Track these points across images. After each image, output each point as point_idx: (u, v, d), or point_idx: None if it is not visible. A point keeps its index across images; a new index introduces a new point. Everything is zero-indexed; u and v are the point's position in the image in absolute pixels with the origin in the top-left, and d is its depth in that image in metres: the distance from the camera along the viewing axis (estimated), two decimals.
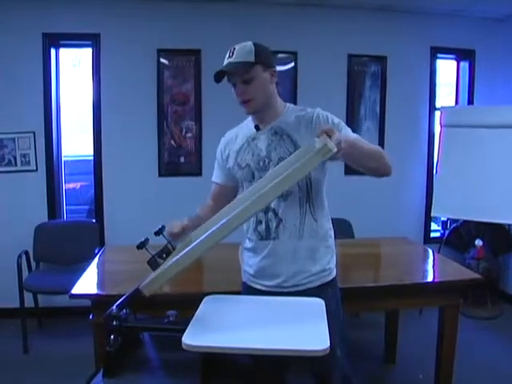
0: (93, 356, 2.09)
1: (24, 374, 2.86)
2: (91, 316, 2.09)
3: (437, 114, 4.17)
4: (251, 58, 1.58)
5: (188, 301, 1.51)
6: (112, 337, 1.25)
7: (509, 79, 4.13)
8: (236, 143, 1.75)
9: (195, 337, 1.14)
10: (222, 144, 1.82)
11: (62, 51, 3.90)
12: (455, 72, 4.44)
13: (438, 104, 4.26)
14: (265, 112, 1.67)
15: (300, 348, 1.12)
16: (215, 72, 1.59)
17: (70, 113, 4.26)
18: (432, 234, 4.44)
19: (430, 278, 2.62)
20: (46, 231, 3.66)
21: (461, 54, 4.31)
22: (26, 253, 3.50)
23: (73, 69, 4.61)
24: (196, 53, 3.81)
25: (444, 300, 2.37)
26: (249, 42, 1.61)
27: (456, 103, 4.44)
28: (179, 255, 1.29)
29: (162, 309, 1.39)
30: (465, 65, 4.34)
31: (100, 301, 2.03)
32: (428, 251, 2.95)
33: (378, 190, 3.93)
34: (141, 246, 1.35)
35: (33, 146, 3.71)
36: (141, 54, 3.78)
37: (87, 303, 2.16)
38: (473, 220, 3.87)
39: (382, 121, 4.17)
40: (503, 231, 4.05)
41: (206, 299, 1.43)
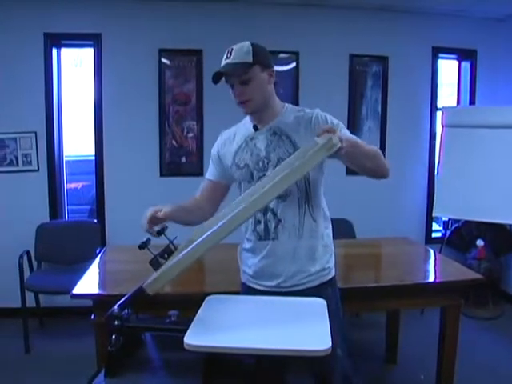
0: (94, 356, 2.09)
1: (25, 374, 2.87)
2: (93, 316, 2.10)
3: (438, 114, 4.16)
4: (249, 59, 1.57)
5: (189, 301, 1.51)
6: (114, 337, 1.25)
7: (510, 79, 4.13)
8: (234, 143, 1.74)
9: (197, 337, 1.14)
10: (220, 142, 1.80)
11: (64, 51, 3.90)
12: (457, 72, 4.44)
13: (440, 104, 4.26)
14: (263, 112, 1.66)
15: (302, 348, 1.12)
16: (213, 73, 1.58)
17: (72, 113, 4.26)
18: (433, 234, 4.43)
19: (432, 279, 2.62)
20: (48, 231, 3.66)
21: (462, 54, 4.31)
22: (28, 253, 3.50)
23: (74, 69, 4.62)
24: (197, 53, 3.81)
25: (445, 300, 2.37)
26: (246, 43, 1.60)
27: (457, 103, 4.43)
28: (181, 255, 1.29)
29: (164, 309, 1.39)
30: (466, 65, 4.33)
31: (101, 301, 2.03)
32: (429, 251, 2.95)
33: (380, 191, 3.93)
34: (143, 246, 1.35)
35: (34, 146, 3.71)
36: (142, 54, 3.79)
37: (89, 303, 2.17)
38: (474, 220, 3.87)
39: (384, 121, 4.16)
40: (505, 231, 4.05)
41: (208, 299, 1.43)
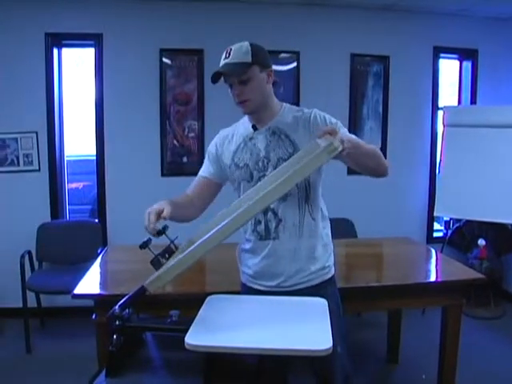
0: (96, 356, 2.09)
1: (27, 374, 2.87)
2: (94, 316, 2.09)
3: (439, 114, 4.15)
4: (248, 59, 1.56)
5: (190, 301, 1.52)
6: (115, 336, 1.25)
7: (511, 78, 4.13)
8: (232, 142, 1.73)
9: (198, 336, 1.14)
10: (217, 140, 1.79)
11: (65, 51, 3.90)
12: (458, 72, 4.43)
13: (441, 104, 4.25)
14: (262, 112, 1.66)
15: (303, 348, 1.12)
16: (212, 73, 1.57)
17: (73, 113, 4.26)
18: (435, 234, 4.43)
19: (433, 278, 2.62)
20: (49, 231, 3.66)
21: (463, 54, 4.30)
22: (29, 253, 3.50)
23: (75, 69, 4.62)
24: (199, 52, 3.81)
25: (447, 300, 2.37)
26: (245, 43, 1.60)
27: (459, 103, 4.42)
28: (182, 255, 1.29)
29: (165, 309, 1.39)
30: (467, 64, 4.32)
31: (103, 301, 2.03)
32: (431, 251, 2.94)
33: (381, 190, 3.93)
34: (144, 246, 1.35)
35: (35, 146, 3.71)
36: (143, 54, 3.78)
37: (90, 303, 2.17)
38: (476, 220, 3.86)
39: (385, 120, 4.16)
40: (506, 231, 4.04)
41: (209, 299, 1.43)
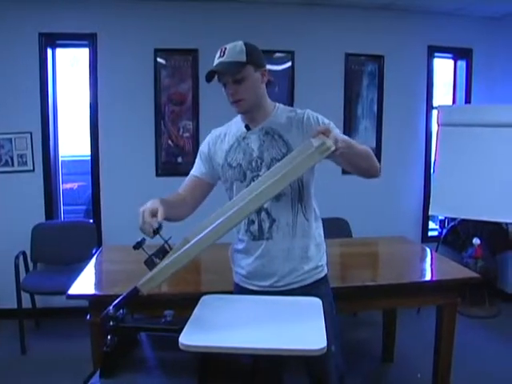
0: (90, 356, 2.08)
1: (21, 375, 2.86)
2: (88, 316, 2.09)
3: (434, 113, 4.16)
4: (243, 58, 1.56)
5: (185, 301, 1.51)
6: (109, 337, 1.25)
7: (506, 78, 4.14)
8: (225, 142, 1.73)
9: (192, 337, 1.14)
10: (210, 140, 1.79)
11: (59, 51, 3.88)
12: (452, 71, 4.44)
13: (436, 103, 4.26)
14: (255, 112, 1.66)
15: (297, 347, 1.12)
16: (207, 72, 1.57)
17: (67, 113, 4.25)
18: (430, 233, 4.44)
19: (428, 277, 2.63)
20: (44, 232, 3.64)
21: (458, 53, 4.32)
22: (24, 253, 3.49)
23: (70, 69, 4.60)
24: (193, 52, 3.80)
25: (442, 299, 2.37)
26: (239, 42, 1.60)
27: (453, 102, 4.44)
28: (176, 254, 1.29)
29: (159, 309, 1.39)
30: (462, 64, 4.34)
31: (97, 301, 2.02)
32: (426, 250, 2.95)
33: (376, 190, 3.94)
34: (137, 246, 1.34)
35: (30, 147, 3.70)
36: (138, 54, 3.78)
37: (85, 304, 2.16)
38: (470, 219, 3.87)
39: (380, 120, 4.17)
40: (501, 230, 4.06)
41: (203, 299, 1.43)
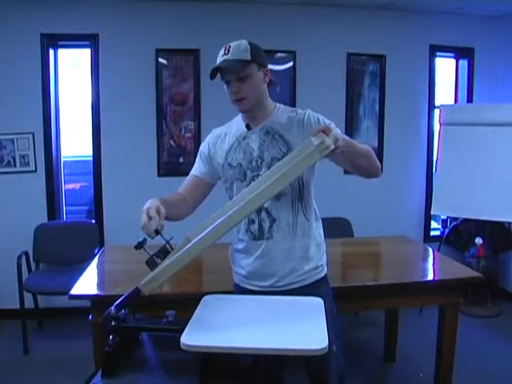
0: (93, 356, 2.09)
1: (24, 375, 2.87)
2: (90, 316, 2.09)
3: (436, 113, 4.16)
4: (247, 56, 1.57)
5: (187, 301, 1.51)
6: (110, 337, 1.25)
7: (508, 77, 4.13)
8: (225, 141, 1.73)
9: (194, 337, 1.14)
10: (210, 140, 1.78)
11: (61, 52, 3.89)
12: (454, 70, 4.44)
13: (437, 102, 4.26)
14: (256, 111, 1.66)
15: (299, 347, 1.12)
16: (212, 68, 1.57)
17: (69, 113, 4.26)
18: (432, 233, 4.43)
19: (430, 277, 2.62)
20: (46, 232, 3.65)
21: (460, 52, 4.31)
22: (26, 254, 3.50)
23: (72, 69, 4.61)
24: (195, 52, 3.81)
25: (444, 298, 2.37)
26: (243, 41, 1.60)
27: (455, 101, 4.43)
28: (177, 255, 1.29)
29: (161, 309, 1.39)
30: (464, 63, 4.33)
31: (99, 301, 2.03)
32: (428, 250, 2.95)
33: (378, 189, 3.93)
34: (139, 247, 1.35)
35: (32, 147, 3.70)
36: (139, 54, 3.78)
37: (87, 304, 2.16)
38: (473, 218, 3.86)
39: (382, 119, 4.16)
40: (503, 229, 4.05)
41: (205, 299, 1.43)
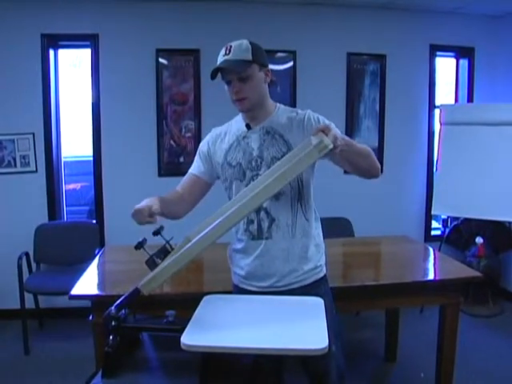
0: (94, 356, 2.09)
1: (25, 375, 2.87)
2: (91, 316, 2.09)
3: (436, 112, 4.16)
4: (248, 57, 1.57)
5: (187, 301, 1.51)
6: (111, 337, 1.25)
7: (508, 76, 4.13)
8: (225, 141, 1.72)
9: (194, 337, 1.14)
10: (210, 139, 1.78)
11: (61, 52, 3.89)
12: (455, 70, 4.43)
13: (438, 102, 4.25)
14: (257, 111, 1.66)
15: (299, 347, 1.12)
16: (213, 69, 1.57)
17: (70, 114, 4.26)
18: (432, 232, 4.43)
19: (431, 277, 2.62)
20: (47, 232, 3.65)
21: (460, 52, 4.30)
22: (27, 254, 3.50)
23: (73, 69, 4.61)
24: (195, 52, 3.80)
25: (445, 298, 2.37)
26: (244, 40, 1.60)
27: (455, 101, 4.43)
28: (177, 254, 1.29)
29: (161, 309, 1.39)
30: (464, 62, 4.33)
31: (100, 301, 2.03)
32: (428, 249, 2.94)
33: (378, 189, 3.92)
34: (139, 247, 1.35)
35: (32, 147, 3.70)
36: (140, 54, 3.78)
37: (88, 304, 2.16)
38: (473, 218, 3.86)
39: (382, 119, 4.16)
40: (504, 229, 4.05)
41: (205, 299, 1.43)
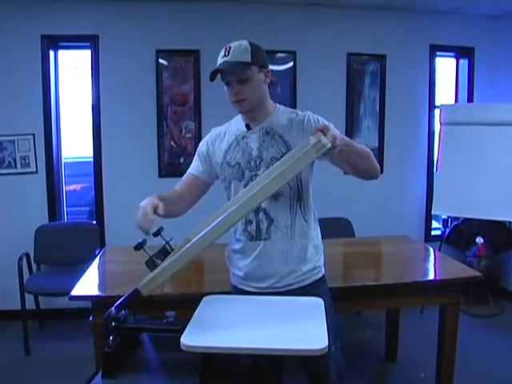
0: (94, 357, 2.09)
1: (25, 376, 2.87)
2: (91, 317, 2.09)
3: (436, 112, 4.16)
4: (248, 58, 1.56)
5: (187, 301, 1.51)
6: (111, 338, 1.25)
7: (508, 76, 4.12)
8: (224, 141, 1.72)
9: (194, 337, 1.14)
10: (209, 139, 1.77)
11: (61, 53, 3.90)
12: (455, 70, 4.43)
13: (438, 102, 4.25)
14: (256, 112, 1.66)
15: (298, 347, 1.12)
16: (212, 71, 1.57)
17: (70, 114, 4.26)
18: (433, 232, 4.43)
19: (431, 277, 2.62)
20: (47, 233, 3.65)
21: (460, 52, 4.30)
22: (27, 255, 3.50)
23: (73, 70, 4.62)
24: (195, 53, 3.81)
25: (445, 298, 2.37)
26: (244, 41, 1.60)
27: (455, 101, 4.43)
28: (177, 255, 1.29)
29: (161, 309, 1.39)
30: (464, 62, 4.33)
31: (100, 302, 2.03)
32: (429, 249, 2.94)
33: (378, 189, 3.91)
34: (138, 247, 1.35)
35: (33, 148, 3.71)
36: (140, 55, 3.78)
37: (88, 304, 2.16)
38: (474, 218, 3.86)
39: (382, 119, 4.16)
40: (504, 228, 4.04)
41: (205, 299, 1.43)
